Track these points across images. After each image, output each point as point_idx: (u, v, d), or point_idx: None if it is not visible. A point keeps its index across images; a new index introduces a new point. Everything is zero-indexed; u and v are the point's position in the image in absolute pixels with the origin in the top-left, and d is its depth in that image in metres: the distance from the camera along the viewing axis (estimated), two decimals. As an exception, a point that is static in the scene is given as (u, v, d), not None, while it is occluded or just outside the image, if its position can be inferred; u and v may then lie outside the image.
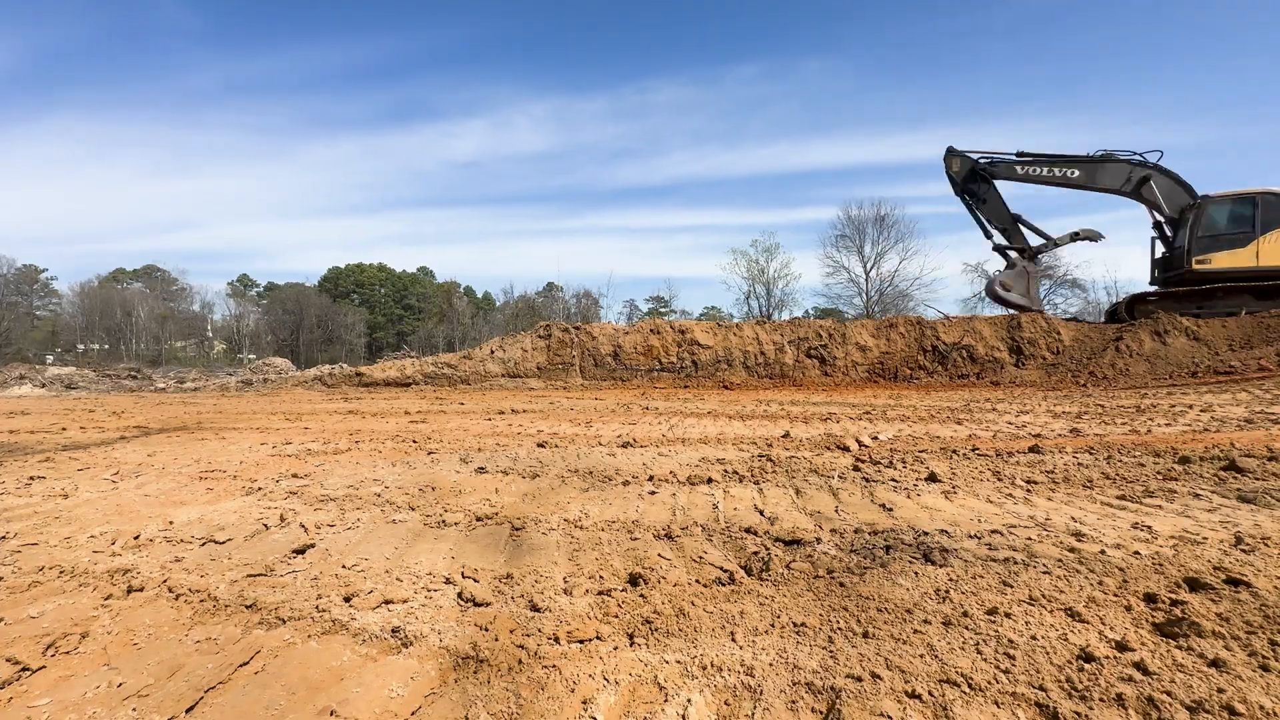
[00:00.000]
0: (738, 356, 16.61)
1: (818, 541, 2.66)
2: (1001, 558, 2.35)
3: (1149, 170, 15.83)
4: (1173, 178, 15.79)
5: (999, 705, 1.43)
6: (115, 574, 2.43)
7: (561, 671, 1.65)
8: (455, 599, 2.15)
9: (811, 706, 1.47)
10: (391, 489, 3.88)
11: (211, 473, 4.54)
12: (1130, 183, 16.00)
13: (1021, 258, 17.02)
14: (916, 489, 3.59)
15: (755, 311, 46.15)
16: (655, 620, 1.93)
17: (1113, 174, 16.14)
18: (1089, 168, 16.24)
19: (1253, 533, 2.57)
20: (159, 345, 54.91)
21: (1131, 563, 2.25)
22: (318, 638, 1.88)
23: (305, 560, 2.58)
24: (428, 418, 8.57)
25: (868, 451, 4.99)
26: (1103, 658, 1.59)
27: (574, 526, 3.01)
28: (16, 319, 50.91)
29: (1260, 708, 1.37)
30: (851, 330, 16.75)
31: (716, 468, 4.39)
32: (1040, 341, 15.32)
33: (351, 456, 5.23)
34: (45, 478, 4.40)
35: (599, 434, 6.50)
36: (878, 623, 1.86)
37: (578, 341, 17.42)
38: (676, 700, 1.51)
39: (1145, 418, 6.72)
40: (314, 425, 7.85)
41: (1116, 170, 16.09)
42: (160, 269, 67.78)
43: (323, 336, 58.49)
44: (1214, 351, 13.62)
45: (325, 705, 1.53)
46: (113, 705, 1.55)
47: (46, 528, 3.11)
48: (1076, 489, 3.53)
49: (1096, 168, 16.22)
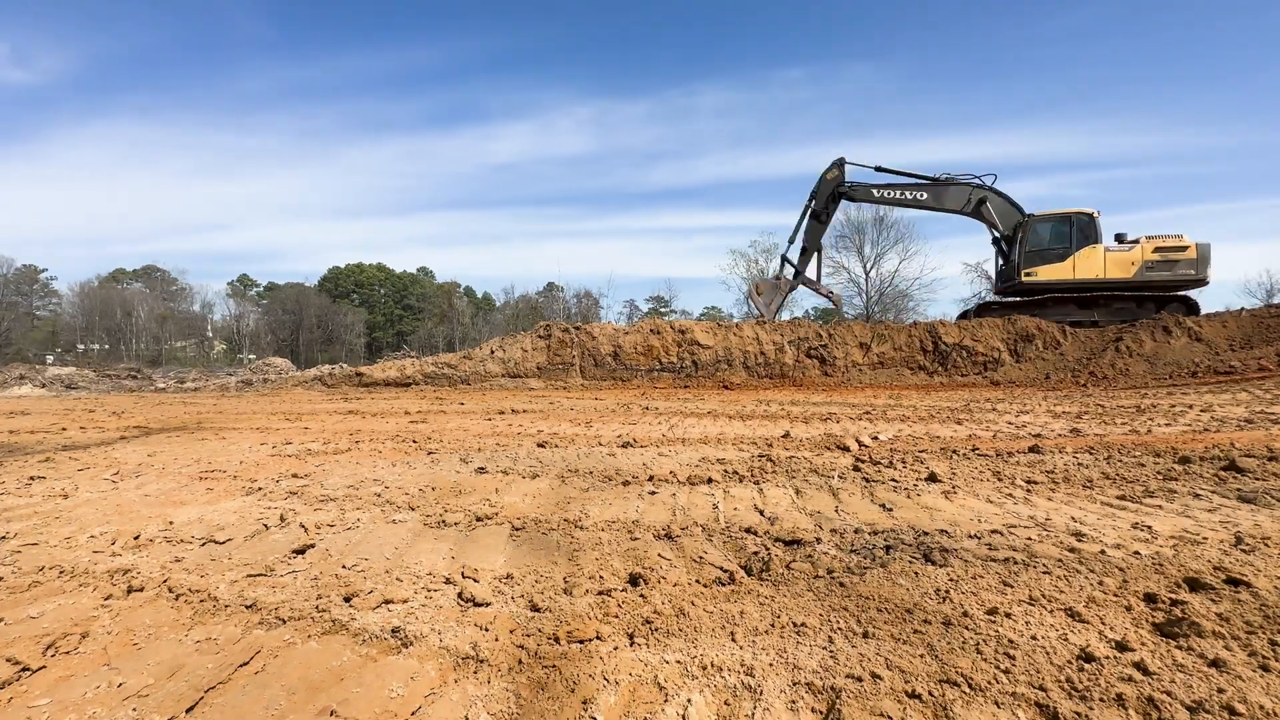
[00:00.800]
0: (738, 356, 16.60)
1: (818, 541, 2.66)
2: (1001, 558, 2.35)
3: (986, 192, 17.45)
4: (1006, 198, 17.49)
5: (999, 705, 1.43)
6: (115, 574, 2.43)
7: (561, 671, 1.65)
8: (455, 599, 2.15)
9: (811, 706, 1.47)
10: (391, 489, 3.88)
11: (211, 473, 4.54)
12: (970, 204, 17.62)
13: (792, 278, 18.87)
14: (916, 489, 3.59)
15: (754, 312, 46.12)
16: (655, 620, 1.93)
17: (955, 196, 17.78)
18: (935, 190, 17.89)
19: (1253, 533, 2.56)
20: (159, 345, 54.91)
21: (1131, 563, 2.25)
22: (318, 638, 1.88)
23: (305, 560, 2.58)
24: (428, 418, 8.57)
25: (868, 451, 4.99)
26: (1103, 658, 1.59)
27: (574, 526, 3.01)
28: (16, 319, 50.92)
29: (1260, 708, 1.37)
30: (851, 330, 16.74)
31: (716, 468, 4.39)
32: (1040, 341, 15.32)
33: (351, 456, 5.23)
34: (45, 478, 4.40)
35: (599, 434, 6.50)
36: (878, 623, 1.86)
37: (578, 341, 17.42)
38: (676, 700, 1.51)
39: (1145, 418, 6.72)
40: (314, 425, 7.85)
41: (958, 193, 17.71)
42: (160, 269, 67.81)
43: (322, 336, 58.50)
44: (1214, 351, 13.62)
45: (325, 705, 1.53)
46: (113, 705, 1.55)
47: (47, 528, 3.11)
48: (1076, 489, 3.53)
49: (941, 190, 17.86)
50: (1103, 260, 15.94)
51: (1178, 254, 15.62)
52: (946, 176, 17.66)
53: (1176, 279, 15.80)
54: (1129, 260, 15.86)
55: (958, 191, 17.61)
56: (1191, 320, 14.65)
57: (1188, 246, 15.62)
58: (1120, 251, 16.00)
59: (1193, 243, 15.63)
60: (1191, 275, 15.66)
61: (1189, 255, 15.61)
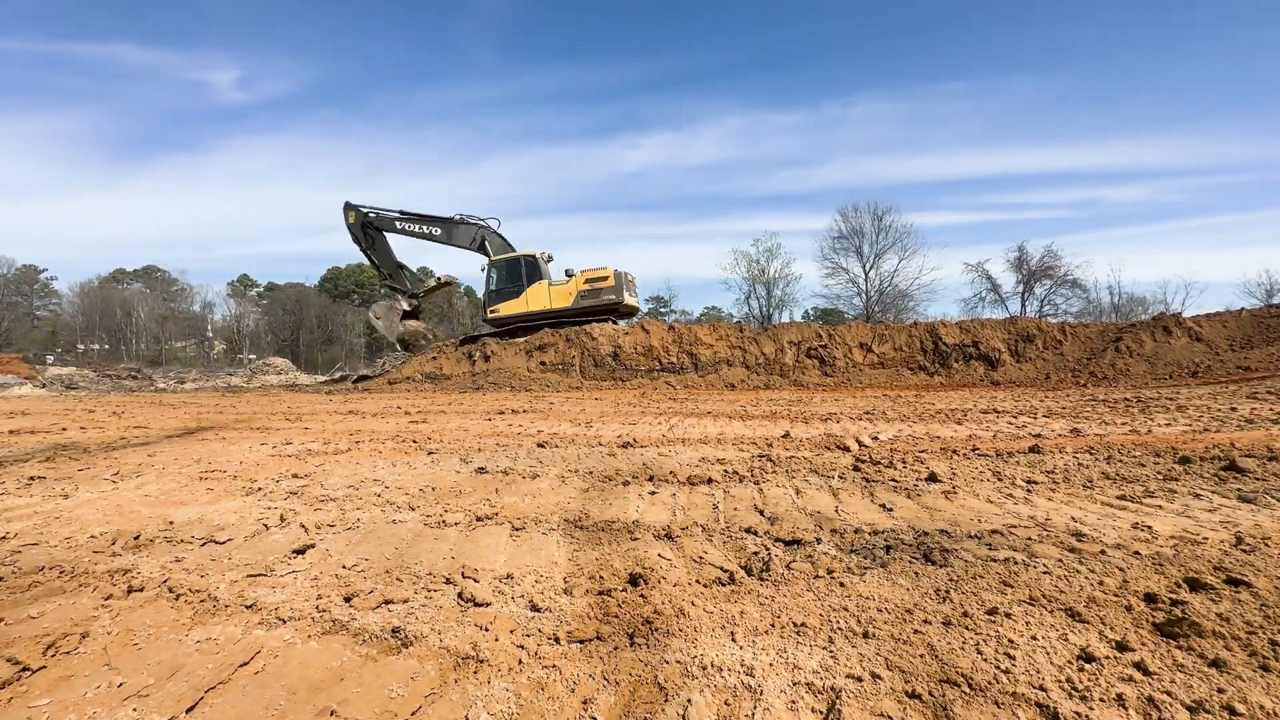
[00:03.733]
0: (738, 356, 16.60)
1: (818, 541, 2.66)
2: (1001, 558, 2.35)
3: (488, 232, 20.06)
4: (503, 239, 20.14)
5: (999, 705, 1.43)
6: (115, 574, 2.42)
7: (561, 671, 1.65)
8: (455, 599, 2.15)
9: (811, 706, 1.47)
10: (391, 489, 3.88)
11: (212, 473, 4.54)
12: (476, 241, 20.15)
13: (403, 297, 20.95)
14: (917, 489, 3.59)
15: (755, 311, 46.20)
16: (655, 620, 1.93)
17: (464, 234, 20.20)
18: (448, 227, 20.22)
19: (1253, 533, 2.56)
20: (159, 345, 54.90)
21: (1132, 563, 2.25)
22: (318, 638, 1.88)
23: (305, 560, 2.58)
24: (428, 418, 8.57)
25: (868, 451, 4.99)
26: (1103, 658, 1.59)
27: (574, 526, 3.01)
28: (16, 319, 50.92)
29: (1260, 708, 1.37)
30: (851, 331, 16.75)
31: (716, 468, 4.39)
32: (1040, 341, 15.32)
33: (351, 457, 5.23)
34: (45, 478, 4.40)
35: (599, 434, 6.50)
36: (878, 623, 1.86)
37: (578, 342, 17.41)
38: (676, 700, 1.51)
39: (1145, 418, 6.72)
40: (314, 425, 7.85)
41: (466, 231, 20.20)
42: (160, 269, 67.82)
43: (323, 336, 58.49)
44: (1214, 351, 13.62)
45: (325, 705, 1.53)
46: (113, 705, 1.55)
47: (47, 528, 3.11)
48: (1076, 489, 3.53)
49: (453, 228, 20.21)
50: (548, 294, 19.12)
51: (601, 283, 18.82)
52: (460, 216, 20.15)
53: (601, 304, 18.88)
54: (567, 292, 19.03)
55: (466, 229, 20.15)
56: (1192, 320, 14.66)
57: (607, 276, 18.82)
58: (561, 284, 19.20)
59: (612, 272, 18.81)
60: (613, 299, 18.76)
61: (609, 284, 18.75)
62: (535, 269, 19.31)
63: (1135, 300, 46.99)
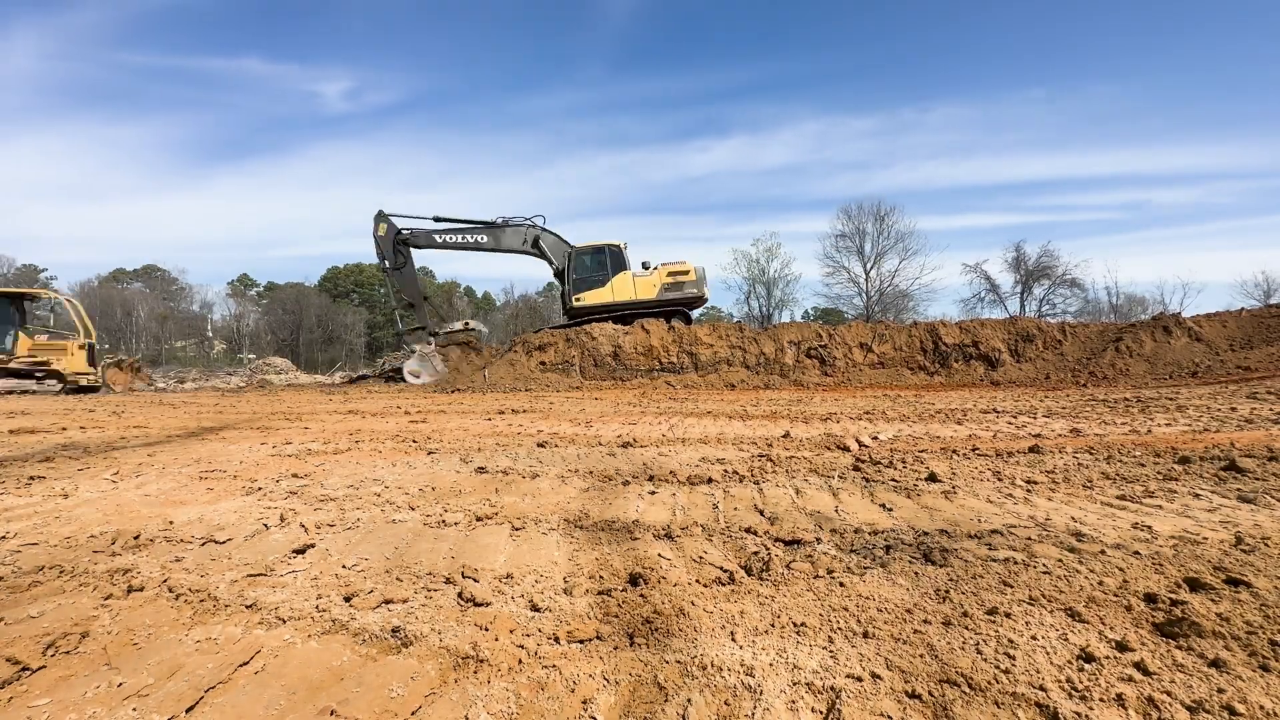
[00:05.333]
0: (738, 356, 16.60)
1: (818, 541, 2.66)
2: (1001, 558, 2.35)
3: (539, 230, 19.24)
4: (556, 235, 19.40)
5: (999, 705, 1.43)
6: (115, 574, 2.42)
7: (561, 671, 1.65)
8: (455, 599, 2.15)
9: (811, 706, 1.47)
10: (391, 489, 3.88)
11: (211, 472, 4.54)
12: (528, 242, 19.34)
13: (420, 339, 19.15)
14: (916, 489, 3.59)
15: (755, 311, 46.21)
16: (655, 620, 1.93)
17: (513, 237, 19.35)
18: (494, 232, 19.25)
19: (1253, 533, 2.56)
20: (159, 345, 54.88)
21: (1131, 563, 2.25)
22: (318, 637, 1.88)
23: (305, 560, 2.58)
24: (428, 417, 8.57)
25: (868, 451, 4.99)
26: (1103, 658, 1.59)
27: (574, 526, 3.01)
28: (16, 319, 50.76)
29: (1260, 708, 1.37)
30: (852, 331, 16.74)
31: (716, 468, 4.39)
32: (1040, 342, 15.32)
33: (351, 456, 5.23)
34: (45, 477, 4.40)
35: (599, 434, 6.50)
36: (877, 622, 1.86)
37: (578, 341, 17.41)
38: (676, 700, 1.51)
39: (1145, 418, 6.72)
40: (314, 425, 7.84)
41: (515, 233, 19.33)
42: (160, 269, 67.82)
43: (323, 336, 58.47)
44: (1214, 351, 13.62)
45: (325, 705, 1.53)
46: (113, 705, 1.55)
47: (46, 527, 3.11)
48: (1076, 489, 3.53)
49: (500, 232, 19.27)
50: (633, 285, 18.79)
51: (683, 276, 18.71)
52: (502, 219, 19.24)
53: (685, 297, 18.76)
54: (652, 284, 18.77)
55: (515, 232, 19.30)
56: (1191, 320, 14.66)
57: (689, 270, 18.70)
58: (645, 276, 18.89)
59: (692, 266, 18.74)
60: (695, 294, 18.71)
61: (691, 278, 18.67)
62: (620, 259, 18.83)
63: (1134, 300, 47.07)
